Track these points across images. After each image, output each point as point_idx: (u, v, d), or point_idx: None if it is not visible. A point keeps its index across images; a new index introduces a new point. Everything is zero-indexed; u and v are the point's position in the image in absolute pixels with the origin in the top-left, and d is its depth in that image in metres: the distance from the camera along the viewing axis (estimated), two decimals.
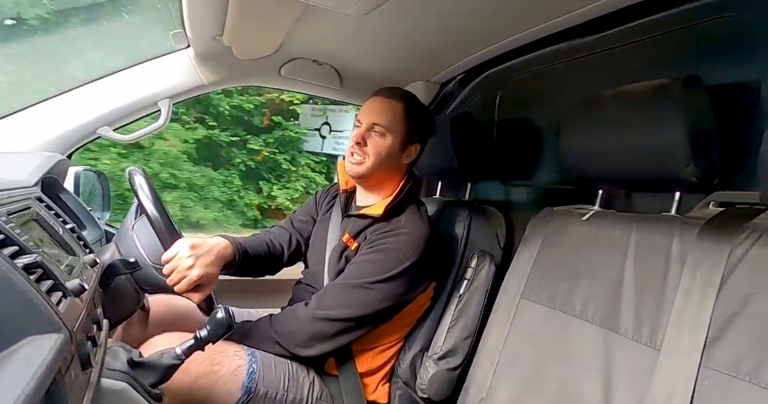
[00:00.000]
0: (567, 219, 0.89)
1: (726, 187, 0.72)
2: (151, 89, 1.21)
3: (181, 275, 0.80)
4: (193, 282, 0.80)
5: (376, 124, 0.95)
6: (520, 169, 1.20)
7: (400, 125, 0.96)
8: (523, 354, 0.84)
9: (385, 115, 0.95)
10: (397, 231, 0.92)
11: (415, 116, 0.98)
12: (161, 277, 0.82)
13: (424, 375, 1.01)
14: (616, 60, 0.95)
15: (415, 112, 0.99)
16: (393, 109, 0.96)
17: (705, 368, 0.57)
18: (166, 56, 1.22)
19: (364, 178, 0.99)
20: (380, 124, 0.95)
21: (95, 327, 0.54)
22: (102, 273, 0.71)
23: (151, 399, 0.59)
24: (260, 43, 1.15)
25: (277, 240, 1.10)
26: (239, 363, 0.84)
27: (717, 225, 0.64)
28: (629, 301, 0.70)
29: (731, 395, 0.53)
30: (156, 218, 0.78)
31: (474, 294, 1.04)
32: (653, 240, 0.71)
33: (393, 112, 0.96)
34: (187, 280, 0.80)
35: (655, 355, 0.63)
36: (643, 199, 0.88)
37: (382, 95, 0.99)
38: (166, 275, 0.81)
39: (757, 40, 0.71)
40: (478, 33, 1.06)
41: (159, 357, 0.63)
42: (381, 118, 0.95)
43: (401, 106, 0.97)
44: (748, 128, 0.71)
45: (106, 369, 0.56)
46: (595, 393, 0.68)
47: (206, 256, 0.83)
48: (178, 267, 0.80)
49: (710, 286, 0.60)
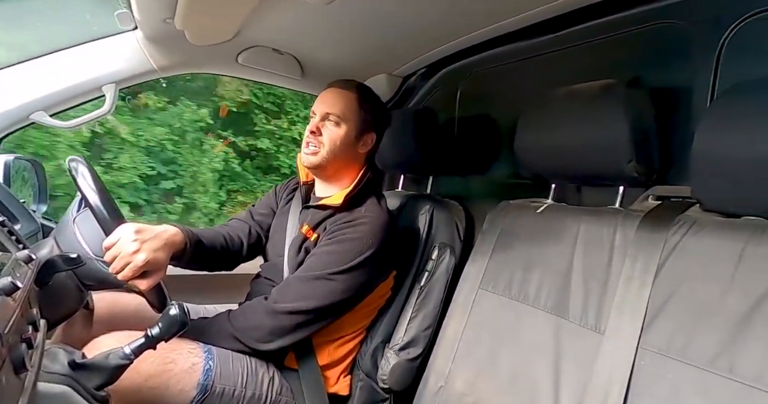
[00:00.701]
0: (523, 212, 0.93)
1: (663, 181, 0.78)
2: (93, 72, 1.12)
3: (126, 261, 0.73)
4: (139, 268, 0.74)
5: (330, 114, 0.96)
6: (480, 163, 1.23)
7: (353, 114, 0.97)
8: (479, 341, 0.87)
9: (338, 105, 0.96)
10: (357, 221, 0.92)
11: (369, 105, 1.00)
12: (106, 270, 0.76)
13: (385, 366, 1.02)
14: (569, 60, 0.99)
15: (369, 101, 1.00)
16: (346, 98, 0.97)
17: (642, 349, 0.62)
18: (111, 38, 1.13)
19: (321, 169, 0.99)
20: (334, 113, 0.95)
21: (31, 328, 0.50)
22: (39, 270, 0.66)
23: (95, 401, 0.55)
24: (216, 28, 1.09)
25: (235, 233, 1.07)
26: (194, 360, 0.81)
27: (654, 217, 0.70)
28: (577, 289, 0.74)
29: (663, 372, 0.59)
30: (98, 207, 0.72)
31: (435, 285, 1.07)
32: (599, 232, 0.76)
33: (346, 101, 0.97)
34: (133, 266, 0.74)
35: (599, 339, 0.67)
36: (592, 192, 0.94)
37: (335, 86, 1.00)
38: (109, 264, 0.74)
39: (691, 47, 0.77)
40: (440, 28, 1.07)
41: (105, 357, 0.59)
42: (334, 107, 0.96)
43: (354, 95, 0.98)
44: (683, 128, 0.77)
45: (44, 372, 0.52)
46: (546, 376, 0.72)
47: (153, 241, 0.77)
48: (122, 253, 0.73)
49: (647, 274, 0.65)
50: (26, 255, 0.61)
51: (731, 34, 0.72)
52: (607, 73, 0.81)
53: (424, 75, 1.42)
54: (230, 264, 1.08)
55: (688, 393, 0.55)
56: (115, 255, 0.74)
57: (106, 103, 1.14)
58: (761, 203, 0.58)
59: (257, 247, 1.11)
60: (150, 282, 0.77)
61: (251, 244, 1.09)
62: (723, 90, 0.60)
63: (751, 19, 0.69)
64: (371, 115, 1.00)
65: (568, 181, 0.91)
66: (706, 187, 0.61)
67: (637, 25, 0.86)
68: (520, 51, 1.10)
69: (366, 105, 0.99)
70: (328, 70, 1.34)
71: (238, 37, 1.14)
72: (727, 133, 0.57)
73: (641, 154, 0.72)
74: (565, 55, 1.00)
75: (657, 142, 0.75)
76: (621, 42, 0.89)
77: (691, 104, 0.76)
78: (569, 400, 0.68)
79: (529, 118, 0.87)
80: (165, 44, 1.14)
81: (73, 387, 0.53)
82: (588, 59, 0.96)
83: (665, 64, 0.81)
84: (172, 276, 0.83)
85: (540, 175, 0.91)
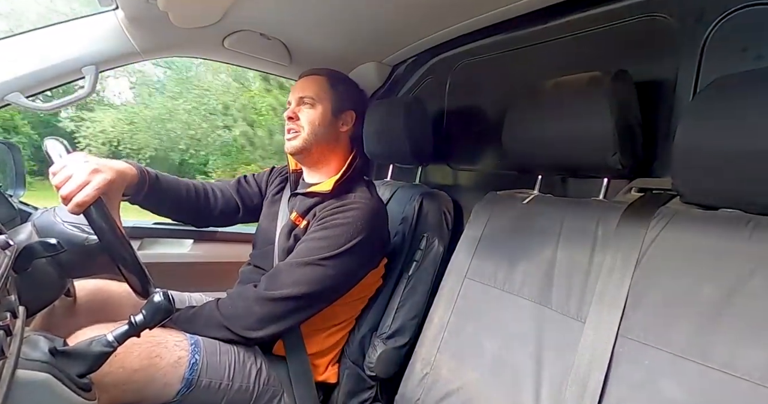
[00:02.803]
0: (509, 203, 0.94)
1: (647, 174, 0.79)
2: (72, 53, 1.07)
3: (83, 181, 0.65)
4: (98, 190, 0.65)
5: (303, 97, 0.99)
6: (468, 153, 1.24)
7: (326, 94, 1.00)
8: (464, 330, 0.89)
9: (310, 87, 1.00)
10: (346, 207, 0.91)
11: (341, 85, 1.03)
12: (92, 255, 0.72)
13: (372, 354, 1.03)
14: (557, 51, 1.00)
15: (340, 82, 1.04)
16: (316, 81, 1.01)
17: (621, 337, 0.63)
18: (91, 17, 1.09)
19: (306, 153, 1.00)
20: (307, 95, 0.99)
21: (9, 315, 0.49)
22: (17, 256, 0.64)
23: (77, 389, 0.54)
24: (200, 10, 1.06)
25: (213, 190, 1.08)
26: (180, 354, 0.80)
27: (635, 210, 0.71)
28: (560, 279, 0.76)
29: (640, 358, 0.61)
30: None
31: (422, 275, 1.08)
32: (582, 223, 0.77)
33: (317, 83, 1.01)
34: (92, 186, 0.65)
35: (580, 327, 0.69)
36: (577, 183, 0.95)
37: (306, 74, 1.04)
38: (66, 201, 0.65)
39: (676, 40, 0.78)
40: (429, 16, 1.06)
41: (88, 344, 0.58)
42: (307, 90, 1.00)
43: (324, 78, 1.02)
44: (666, 121, 0.78)
45: (24, 359, 0.51)
46: (528, 363, 0.74)
47: (105, 165, 0.71)
48: (75, 174, 0.65)
49: (628, 265, 0.66)
50: (3, 240, 0.59)
51: (715, 28, 0.73)
52: (594, 65, 0.82)
53: (414, 64, 1.41)
54: (196, 218, 1.08)
55: (663, 378, 0.58)
56: (67, 177, 0.66)
57: (87, 86, 1.10)
58: (739, 196, 0.59)
59: (230, 214, 1.12)
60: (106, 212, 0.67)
61: (225, 209, 1.10)
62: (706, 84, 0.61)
63: (735, 13, 0.70)
64: (346, 94, 1.03)
65: (553, 172, 0.92)
66: (686, 179, 0.63)
67: (623, 18, 0.86)
68: (508, 42, 1.10)
69: (338, 85, 1.02)
70: (316, 57, 1.32)
71: (225, 20, 1.11)
72: (708, 127, 0.59)
73: (625, 146, 0.73)
74: (554, 47, 1.00)
75: (641, 135, 0.76)
76: (608, 34, 0.89)
77: (674, 97, 0.77)
78: (550, 386, 0.70)
79: (517, 109, 0.88)
80: (147, 26, 1.10)
81: (54, 375, 0.52)
82: (576, 51, 0.96)
83: (650, 57, 0.82)
84: (157, 263, 0.82)
85: (526, 166, 0.92)
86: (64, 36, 1.08)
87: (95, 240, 0.76)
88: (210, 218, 1.09)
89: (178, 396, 0.78)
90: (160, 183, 0.93)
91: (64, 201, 0.66)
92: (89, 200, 0.65)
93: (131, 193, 0.86)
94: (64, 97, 1.11)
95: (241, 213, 1.12)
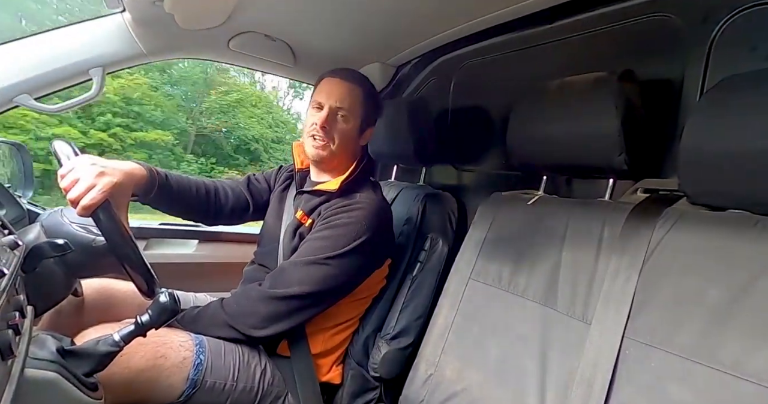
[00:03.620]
0: (514, 204, 0.94)
1: (652, 174, 0.79)
2: (80, 55, 1.08)
3: (89, 184, 0.65)
4: (105, 193, 0.66)
5: (340, 109, 0.96)
6: (472, 154, 1.23)
7: (359, 109, 0.98)
8: (468, 331, 0.89)
9: (347, 100, 0.96)
10: (351, 207, 0.92)
11: (372, 100, 1.01)
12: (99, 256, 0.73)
13: (376, 354, 1.03)
14: (562, 51, 0.99)
15: (372, 96, 1.02)
16: (354, 93, 0.97)
17: (627, 339, 0.63)
18: (98, 20, 1.10)
19: (326, 162, 0.99)
20: (344, 108, 0.96)
21: (18, 314, 0.49)
22: (25, 256, 0.65)
23: (84, 388, 0.55)
24: (206, 12, 1.07)
25: (223, 188, 1.08)
26: (185, 354, 0.80)
27: (641, 211, 0.71)
28: (566, 280, 0.76)
29: (648, 360, 0.60)
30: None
31: (426, 276, 1.07)
32: (588, 224, 0.77)
33: (354, 96, 0.97)
34: (98, 189, 0.65)
35: (586, 329, 0.68)
36: (582, 184, 0.95)
37: (340, 77, 0.98)
38: (74, 203, 0.65)
39: (682, 40, 0.77)
40: (434, 16, 1.06)
41: (94, 344, 0.59)
42: (344, 102, 0.96)
43: (360, 90, 0.98)
44: (673, 121, 0.78)
45: (32, 358, 0.52)
46: (533, 365, 0.74)
47: (113, 168, 0.72)
48: (83, 177, 0.66)
49: (634, 266, 0.66)
50: (11, 241, 0.60)
51: (723, 27, 0.72)
52: (599, 65, 0.82)
53: (418, 65, 1.41)
54: (207, 216, 1.07)
55: (670, 381, 0.57)
56: (75, 181, 0.67)
57: (94, 87, 1.11)
58: (746, 196, 0.59)
59: (241, 211, 1.11)
60: (113, 214, 0.68)
61: (236, 206, 1.09)
62: (713, 84, 0.61)
63: (742, 12, 0.70)
64: (372, 109, 1.02)
65: (558, 173, 0.91)
66: (693, 180, 0.62)
67: (629, 17, 0.86)
68: (513, 42, 1.10)
69: (369, 99, 1.00)
70: (321, 58, 1.32)
71: (230, 22, 1.11)
72: (716, 126, 0.58)
73: (631, 147, 0.72)
74: (559, 47, 1.00)
75: (647, 135, 0.75)
76: (614, 34, 0.89)
77: (681, 98, 0.77)
78: (555, 388, 0.69)
79: (521, 109, 0.88)
80: (154, 27, 1.11)
81: (62, 374, 0.53)
82: (581, 51, 0.96)
83: (657, 57, 0.82)
84: (163, 263, 0.83)
85: (531, 167, 0.92)
86: (72, 38, 1.09)
87: (102, 241, 0.77)
88: (221, 216, 1.09)
89: (182, 398, 0.79)
90: (169, 182, 0.93)
91: (72, 204, 0.67)
92: (96, 203, 0.66)
93: (140, 193, 0.86)
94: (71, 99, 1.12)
95: (251, 210, 1.12)
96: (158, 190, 0.89)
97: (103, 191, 0.67)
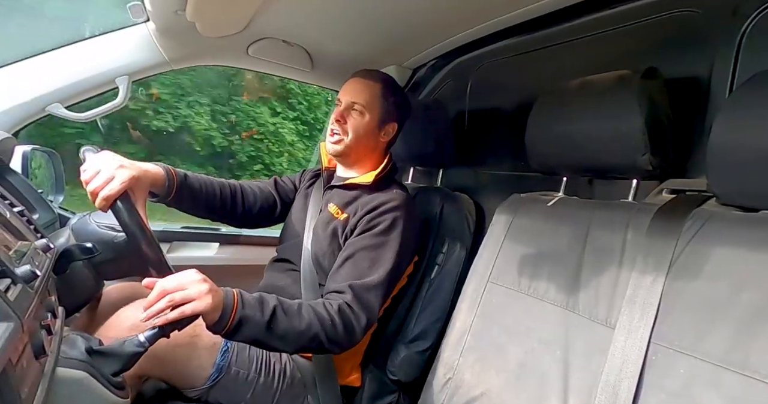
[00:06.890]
0: (533, 206, 0.92)
1: (678, 174, 0.76)
2: (106, 65, 1.13)
3: (109, 175, 0.69)
4: (124, 183, 0.70)
5: (355, 103, 0.99)
6: (490, 155, 1.22)
7: (377, 104, 1.00)
8: (488, 334, 0.87)
9: (363, 94, 0.99)
10: (392, 199, 0.94)
11: (392, 96, 1.02)
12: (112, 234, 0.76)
13: (395, 358, 1.03)
14: (582, 50, 0.97)
15: (392, 92, 1.03)
16: (371, 88, 1.00)
17: (654, 344, 0.61)
18: (124, 30, 1.14)
19: (345, 156, 1.02)
20: (359, 102, 0.99)
21: (50, 315, 0.52)
22: (56, 258, 0.67)
23: (112, 387, 0.57)
24: (226, 20, 1.10)
25: (250, 188, 1.10)
26: (215, 339, 0.82)
27: (667, 212, 0.68)
28: (588, 283, 0.74)
29: (674, 366, 0.58)
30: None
31: (445, 278, 1.07)
32: (611, 226, 0.75)
33: (371, 91, 1.00)
34: (118, 180, 0.69)
35: (609, 333, 0.67)
36: (604, 185, 0.92)
37: (360, 76, 1.03)
38: (100, 206, 0.69)
39: (709, 36, 0.75)
40: (450, 18, 1.06)
41: (121, 344, 0.61)
42: (359, 97, 0.99)
43: (379, 86, 1.01)
44: (699, 119, 0.75)
45: (63, 358, 0.54)
46: (555, 369, 0.72)
47: (132, 164, 0.76)
48: (103, 170, 0.70)
49: (660, 269, 0.64)
50: (44, 244, 0.62)
51: (753, 22, 0.69)
52: (621, 63, 0.79)
53: (435, 66, 1.41)
54: (233, 216, 1.08)
55: (700, 388, 0.55)
56: (95, 173, 0.70)
57: (120, 95, 1.15)
58: None
59: (269, 213, 1.13)
60: (132, 205, 0.71)
61: (264, 206, 1.11)
62: (743, 80, 0.58)
63: None
64: (394, 106, 1.03)
65: (579, 173, 0.90)
66: (723, 179, 0.60)
67: (653, 13, 0.83)
68: (532, 42, 1.09)
69: (390, 96, 1.02)
70: (337, 62, 1.33)
71: (249, 28, 1.14)
72: (747, 125, 0.56)
73: (656, 146, 0.70)
74: (578, 46, 0.98)
75: (672, 134, 0.73)
76: (636, 31, 0.87)
77: (708, 95, 0.74)
78: (579, 393, 0.68)
79: (541, 109, 0.86)
80: (176, 36, 1.15)
81: (91, 373, 0.55)
82: (602, 50, 0.93)
83: (682, 53, 0.79)
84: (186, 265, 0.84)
85: (551, 168, 0.90)
86: (99, 48, 1.13)
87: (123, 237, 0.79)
88: (248, 217, 1.10)
89: (208, 382, 0.81)
90: (189, 182, 0.95)
91: (92, 196, 0.70)
92: (115, 194, 0.69)
93: (160, 194, 0.89)
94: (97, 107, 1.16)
95: (279, 209, 1.14)
96: (178, 190, 0.91)
97: (123, 182, 0.70)
